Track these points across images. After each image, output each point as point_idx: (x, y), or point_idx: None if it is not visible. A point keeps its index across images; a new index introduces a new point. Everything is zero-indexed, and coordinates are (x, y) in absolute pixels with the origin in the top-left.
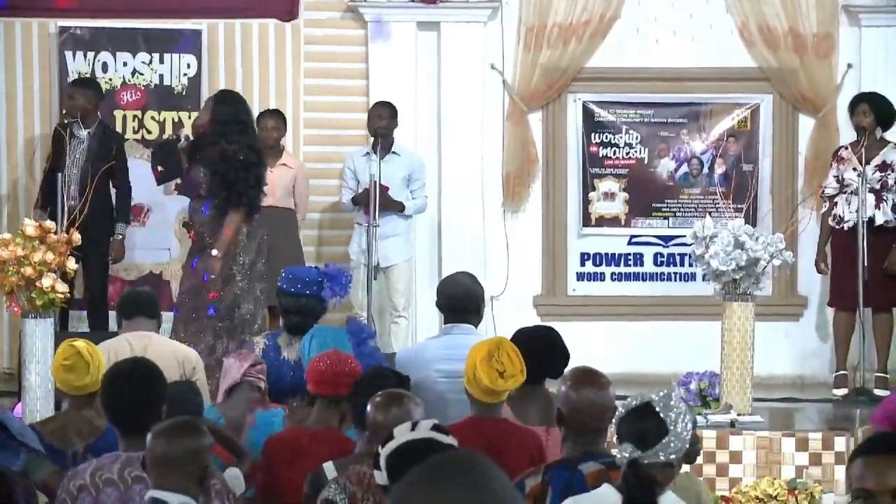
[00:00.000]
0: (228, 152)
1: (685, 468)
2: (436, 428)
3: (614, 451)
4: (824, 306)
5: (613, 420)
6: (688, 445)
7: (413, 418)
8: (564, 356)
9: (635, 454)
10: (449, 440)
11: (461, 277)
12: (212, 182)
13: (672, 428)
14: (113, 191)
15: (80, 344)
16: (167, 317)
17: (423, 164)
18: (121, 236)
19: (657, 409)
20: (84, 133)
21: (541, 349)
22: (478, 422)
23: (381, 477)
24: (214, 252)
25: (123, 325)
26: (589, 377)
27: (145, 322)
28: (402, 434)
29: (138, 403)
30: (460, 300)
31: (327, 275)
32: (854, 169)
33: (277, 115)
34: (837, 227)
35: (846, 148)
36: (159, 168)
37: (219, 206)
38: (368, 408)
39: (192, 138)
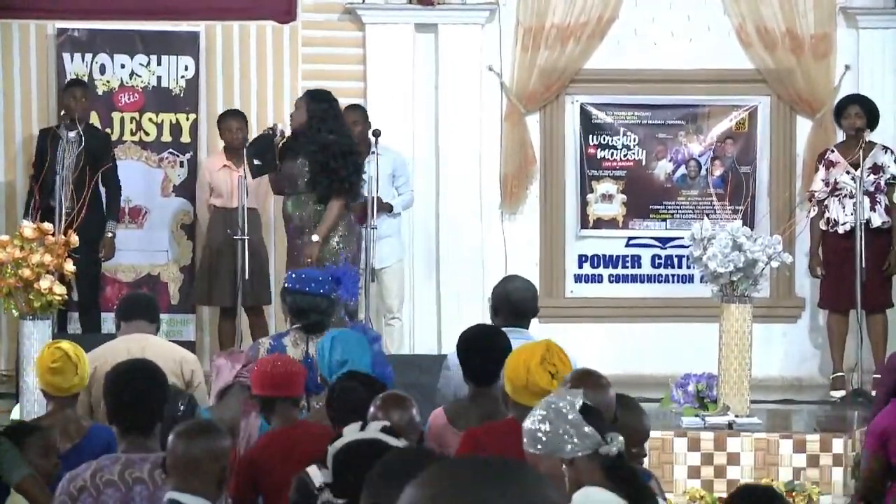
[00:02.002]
0: (327, 141)
1: None
2: (385, 430)
3: (609, 448)
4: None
5: (573, 425)
6: None
7: (415, 420)
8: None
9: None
10: (397, 443)
11: (522, 282)
12: (312, 172)
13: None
14: (102, 190)
15: (66, 345)
16: (165, 318)
17: (405, 160)
18: (111, 234)
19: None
20: (73, 134)
21: (490, 349)
22: (517, 423)
23: (326, 475)
24: (315, 237)
25: (122, 328)
26: (589, 378)
27: (145, 325)
28: (350, 433)
29: (140, 404)
30: (528, 303)
31: (338, 275)
32: (847, 172)
33: (241, 116)
34: (831, 230)
35: (833, 151)
36: (255, 161)
37: (321, 194)
38: (371, 409)
39: (281, 134)
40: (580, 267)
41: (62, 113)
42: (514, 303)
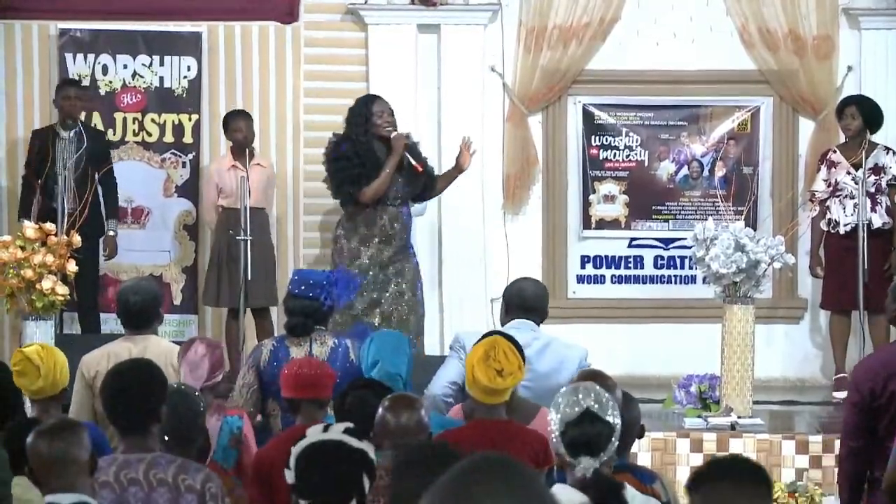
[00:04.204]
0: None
1: None
2: (348, 431)
3: (583, 470)
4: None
5: (556, 436)
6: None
7: (424, 422)
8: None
9: (595, 464)
10: (359, 444)
11: (533, 282)
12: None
13: (615, 423)
14: (100, 190)
15: (30, 349)
16: (168, 319)
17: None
18: (113, 233)
19: (597, 412)
20: (70, 134)
21: None
22: (482, 423)
23: (289, 475)
24: None
25: (126, 329)
26: (595, 380)
27: (147, 330)
28: (313, 434)
29: (138, 404)
30: (538, 300)
31: (334, 279)
32: (848, 173)
33: (248, 117)
34: (832, 231)
35: (835, 151)
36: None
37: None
38: (379, 410)
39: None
40: (582, 268)
41: (62, 114)
42: (526, 298)
